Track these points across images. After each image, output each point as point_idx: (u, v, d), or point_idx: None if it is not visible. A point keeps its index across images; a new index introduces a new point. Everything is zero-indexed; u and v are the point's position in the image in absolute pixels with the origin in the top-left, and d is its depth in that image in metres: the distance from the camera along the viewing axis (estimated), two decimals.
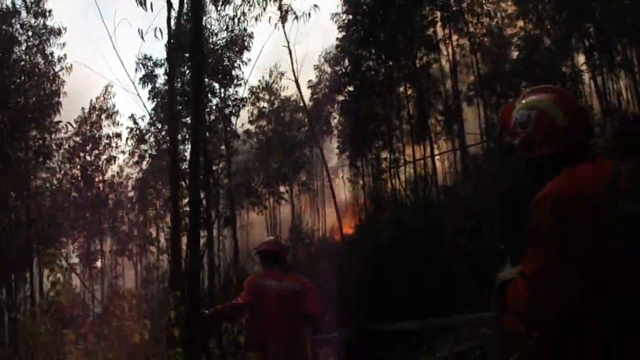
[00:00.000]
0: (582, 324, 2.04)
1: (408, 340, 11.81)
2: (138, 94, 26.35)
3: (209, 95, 27.42)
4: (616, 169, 2.18)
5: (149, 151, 34.49)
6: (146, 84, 27.12)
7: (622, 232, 2.02)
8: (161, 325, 8.05)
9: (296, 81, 27.43)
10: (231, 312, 6.22)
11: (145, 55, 26.59)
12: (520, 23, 28.87)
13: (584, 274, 2.01)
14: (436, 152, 27.85)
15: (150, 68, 26.56)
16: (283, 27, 25.19)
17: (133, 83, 27.25)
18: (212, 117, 28.55)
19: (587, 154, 2.30)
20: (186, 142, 21.50)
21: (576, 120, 2.31)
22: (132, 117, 32.56)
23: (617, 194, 2.08)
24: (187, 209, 7.91)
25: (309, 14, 24.16)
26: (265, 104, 36.01)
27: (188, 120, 20.49)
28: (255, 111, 35.30)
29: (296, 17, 24.53)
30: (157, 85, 27.58)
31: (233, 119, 29.12)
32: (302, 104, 30.84)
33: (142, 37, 14.33)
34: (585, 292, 2.01)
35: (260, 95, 35.44)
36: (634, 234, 2.02)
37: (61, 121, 29.75)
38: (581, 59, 25.39)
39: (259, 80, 35.16)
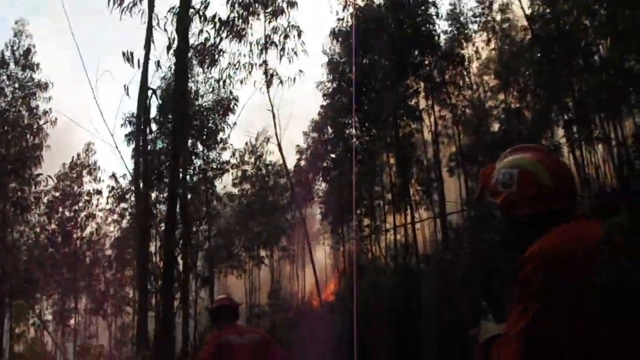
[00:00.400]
0: None
1: None
2: (117, 148, 26.22)
3: (192, 157, 27.53)
4: (607, 226, 2.13)
5: (129, 210, 34.35)
6: (132, 142, 27.12)
7: (611, 295, 1.94)
8: None
9: (279, 145, 27.63)
10: None
11: (133, 113, 26.67)
12: (501, 96, 29.50)
13: (574, 335, 1.93)
14: (417, 220, 27.95)
15: (136, 126, 26.62)
16: (268, 91, 25.50)
17: (114, 139, 27.21)
18: (195, 179, 28.59)
19: (571, 215, 2.23)
20: (162, 203, 21.46)
21: (561, 181, 2.26)
22: (113, 175, 32.54)
23: (610, 250, 2.01)
24: (162, 265, 7.85)
25: (294, 79, 24.56)
26: (250, 168, 36.11)
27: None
28: (239, 174, 35.33)
29: (281, 82, 24.88)
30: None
31: (216, 181, 29.19)
32: (285, 169, 30.99)
33: (127, 93, 14.48)
34: (576, 355, 1.93)
35: (245, 158, 35.58)
36: (625, 298, 1.95)
37: (41, 174, 29.65)
38: (560, 132, 25.84)
39: (246, 143, 35.51)
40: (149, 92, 13.01)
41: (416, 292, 14.67)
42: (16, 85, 29.19)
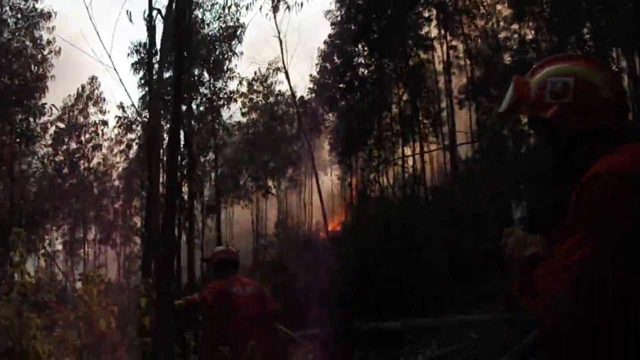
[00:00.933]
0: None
1: (390, 340, 11.50)
2: (121, 81, 25.83)
3: (199, 86, 27.11)
4: None
5: (136, 140, 34.17)
6: (138, 71, 26.75)
7: None
8: (132, 313, 7.75)
9: (286, 73, 27.21)
10: (189, 306, 6.29)
11: (140, 42, 26.16)
12: (516, 26, 28.59)
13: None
14: (426, 150, 27.65)
15: (142, 54, 26.10)
16: (274, 17, 24.91)
17: (116, 71, 26.68)
18: (202, 109, 28.27)
19: (624, 135, 1.92)
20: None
21: (620, 95, 1.95)
22: (121, 105, 32.18)
23: None
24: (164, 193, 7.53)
25: (301, 4, 24.00)
26: (258, 97, 35.63)
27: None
28: (248, 103, 34.89)
29: (288, 7, 24.28)
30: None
31: (223, 111, 28.87)
32: (293, 98, 30.54)
33: (130, 19, 13.98)
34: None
35: (255, 87, 35.09)
36: None
37: (46, 103, 29.32)
38: None
39: (255, 72, 35.05)
40: (154, 13, 12.47)
41: (424, 223, 14.45)
42: (19, 16, 28.59)
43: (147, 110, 27.22)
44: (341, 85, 29.19)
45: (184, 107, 19.15)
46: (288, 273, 19.67)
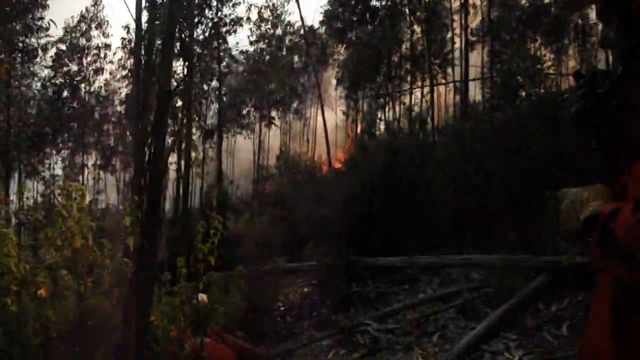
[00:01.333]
0: None
1: (390, 277, 11.05)
2: (125, 3, 24.68)
3: (205, 9, 26.10)
4: None
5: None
6: None
7: None
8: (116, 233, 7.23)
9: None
10: None
11: None
12: None
13: None
14: (436, 91, 26.95)
15: None
16: None
17: None
18: (207, 34, 27.33)
19: None
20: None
21: None
22: (126, 27, 31.12)
23: None
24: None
25: None
26: (269, 26, 34.60)
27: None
28: (256, 31, 33.90)
29: None
30: None
31: (229, 38, 28.00)
32: (302, 27, 29.58)
33: None
34: None
35: (265, 15, 34.08)
36: None
37: (44, 18, 28.25)
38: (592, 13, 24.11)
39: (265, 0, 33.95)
40: None
41: (430, 157, 13.84)
42: None
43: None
44: (353, 18, 28.25)
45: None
46: (288, 205, 19.24)
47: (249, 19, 31.29)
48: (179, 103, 19.96)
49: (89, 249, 5.77)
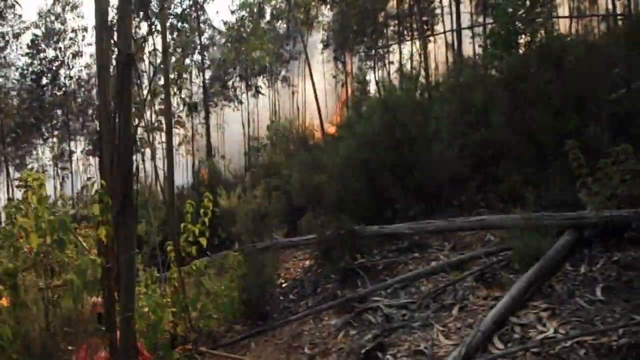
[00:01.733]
0: None
1: (397, 245, 10.25)
2: None
3: None
4: None
5: None
6: None
7: None
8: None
9: None
10: None
11: None
12: None
13: None
14: (429, 34, 25.96)
15: None
16: None
17: None
18: (184, 5, 26.37)
19: None
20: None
21: None
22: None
23: None
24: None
25: None
26: None
27: None
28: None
29: None
30: None
31: (207, 6, 27.05)
32: None
33: None
34: None
35: None
36: None
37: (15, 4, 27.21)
38: None
39: None
40: None
41: (430, 113, 13.01)
42: None
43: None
44: None
45: None
46: (282, 175, 18.51)
47: None
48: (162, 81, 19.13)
49: (50, 247, 4.93)
